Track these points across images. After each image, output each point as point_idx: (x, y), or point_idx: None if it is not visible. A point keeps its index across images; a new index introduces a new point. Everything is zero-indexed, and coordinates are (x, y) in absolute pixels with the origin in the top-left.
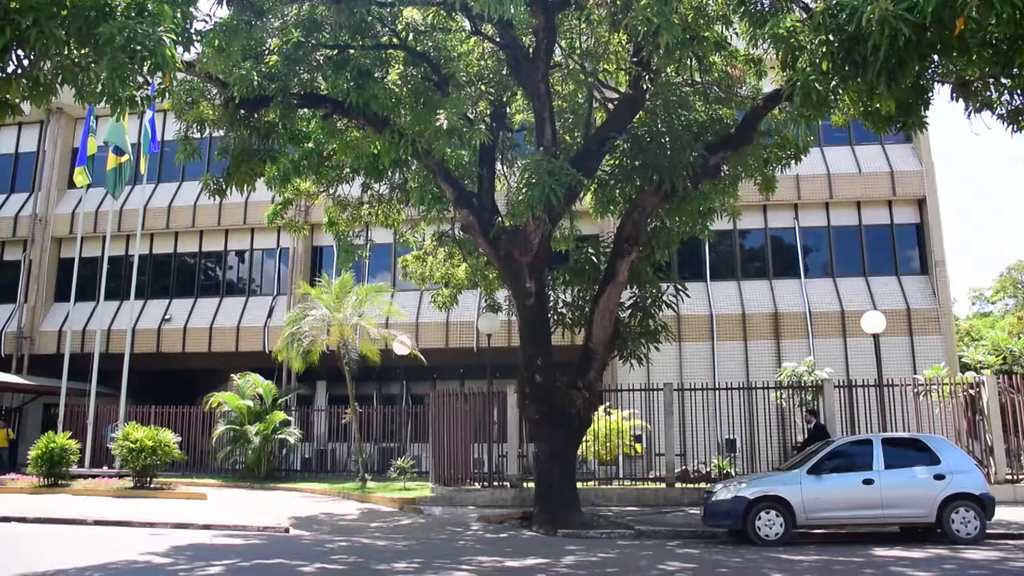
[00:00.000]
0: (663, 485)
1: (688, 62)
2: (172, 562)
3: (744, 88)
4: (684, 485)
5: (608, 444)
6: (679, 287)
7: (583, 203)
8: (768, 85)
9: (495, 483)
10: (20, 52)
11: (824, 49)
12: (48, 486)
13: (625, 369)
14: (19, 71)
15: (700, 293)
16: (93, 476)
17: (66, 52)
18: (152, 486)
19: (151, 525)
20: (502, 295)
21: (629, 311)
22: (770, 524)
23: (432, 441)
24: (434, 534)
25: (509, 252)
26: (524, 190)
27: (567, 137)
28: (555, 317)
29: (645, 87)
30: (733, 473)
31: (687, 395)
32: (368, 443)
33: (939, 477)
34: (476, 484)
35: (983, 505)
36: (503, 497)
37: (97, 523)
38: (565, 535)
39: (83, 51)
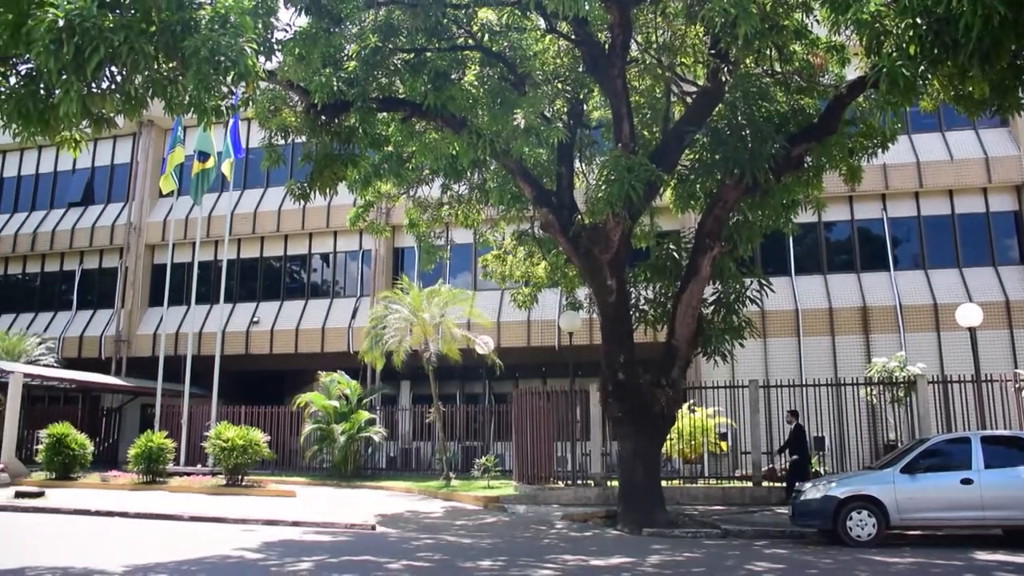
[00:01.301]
0: (749, 484)
1: (767, 52)
2: (264, 558)
3: (827, 77)
4: (771, 484)
5: (692, 442)
6: (763, 282)
7: (663, 199)
8: (852, 72)
9: (579, 481)
10: (113, 68)
11: (911, 33)
12: (146, 483)
13: (709, 366)
14: (113, 86)
15: (785, 288)
16: (188, 474)
17: (155, 66)
18: (243, 484)
19: (243, 522)
20: (583, 293)
21: (712, 307)
22: (862, 524)
23: (515, 439)
24: (518, 532)
25: (589, 250)
26: (603, 187)
27: (645, 133)
28: (637, 314)
29: (724, 79)
30: (822, 472)
31: (773, 392)
32: (452, 442)
33: None
34: (560, 483)
35: None
36: (587, 496)
37: (192, 519)
38: (650, 534)
39: (171, 64)
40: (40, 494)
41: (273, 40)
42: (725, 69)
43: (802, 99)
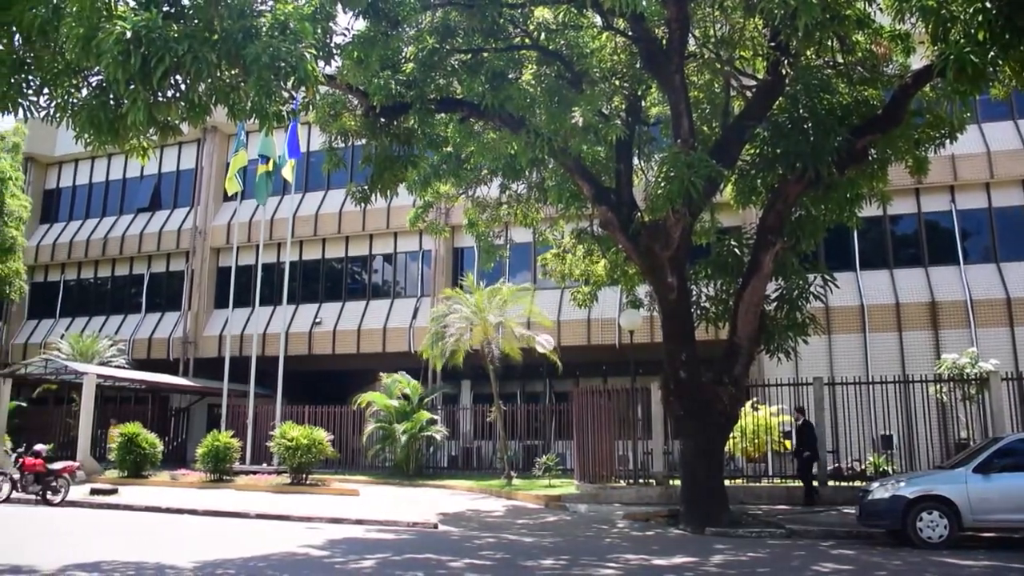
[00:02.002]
0: (815, 483)
1: (829, 43)
2: (328, 555)
3: (891, 66)
4: (837, 483)
5: (756, 441)
6: (827, 278)
7: (723, 195)
8: (917, 61)
9: (640, 480)
10: (178, 77)
11: (980, 18)
12: (214, 481)
13: (772, 363)
14: (177, 94)
15: (849, 283)
16: (253, 472)
17: (218, 74)
18: (307, 482)
19: (308, 519)
20: (643, 291)
21: (775, 304)
22: (933, 525)
23: (576, 438)
24: (580, 531)
25: (649, 247)
26: (662, 184)
27: (705, 128)
28: (698, 312)
29: (784, 72)
30: (890, 471)
31: (838, 389)
32: (513, 441)
33: None
34: (621, 481)
35: None
36: (649, 494)
37: (259, 516)
38: (713, 534)
39: (232, 71)
40: (114, 491)
41: (332, 45)
42: (785, 62)
43: (865, 90)
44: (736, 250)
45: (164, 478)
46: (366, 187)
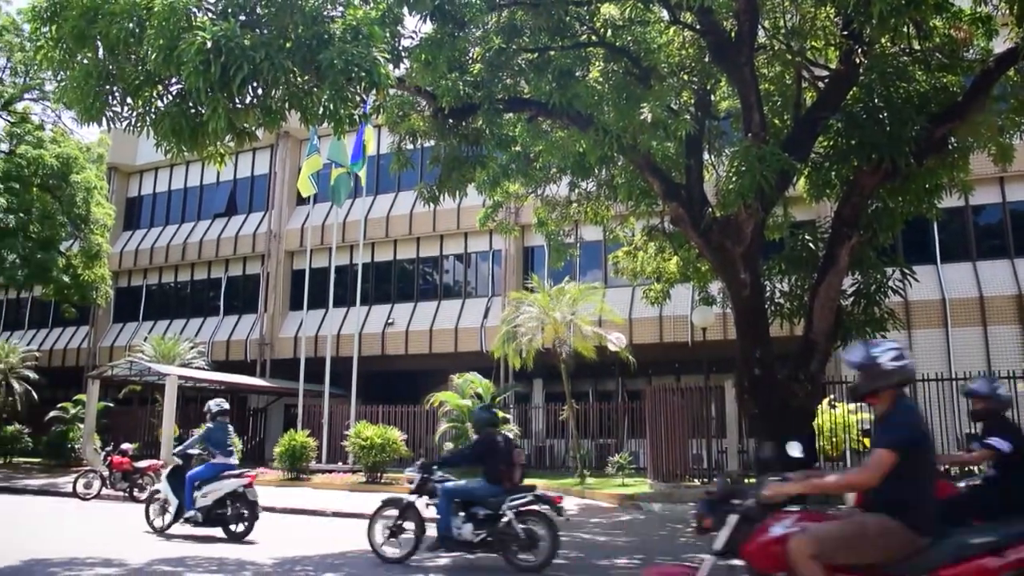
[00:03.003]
0: None
1: (905, 29)
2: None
3: (971, 51)
4: None
5: (834, 439)
6: (906, 271)
7: (797, 188)
8: (1000, 45)
9: (715, 479)
10: (255, 84)
11: None
12: (291, 480)
13: None
14: (254, 101)
15: (930, 276)
16: (329, 471)
17: (292, 80)
18: (382, 481)
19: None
20: (716, 287)
21: (851, 298)
22: None
23: (649, 437)
24: (654, 531)
25: (721, 243)
26: (734, 179)
27: (776, 121)
28: (772, 308)
29: (858, 61)
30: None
31: (919, 386)
32: (585, 439)
33: None
34: (695, 480)
35: None
36: None
37: (335, 515)
38: None
39: (306, 77)
40: None
41: (400, 48)
42: (859, 50)
43: (944, 77)
44: (810, 244)
45: None
46: (435, 188)
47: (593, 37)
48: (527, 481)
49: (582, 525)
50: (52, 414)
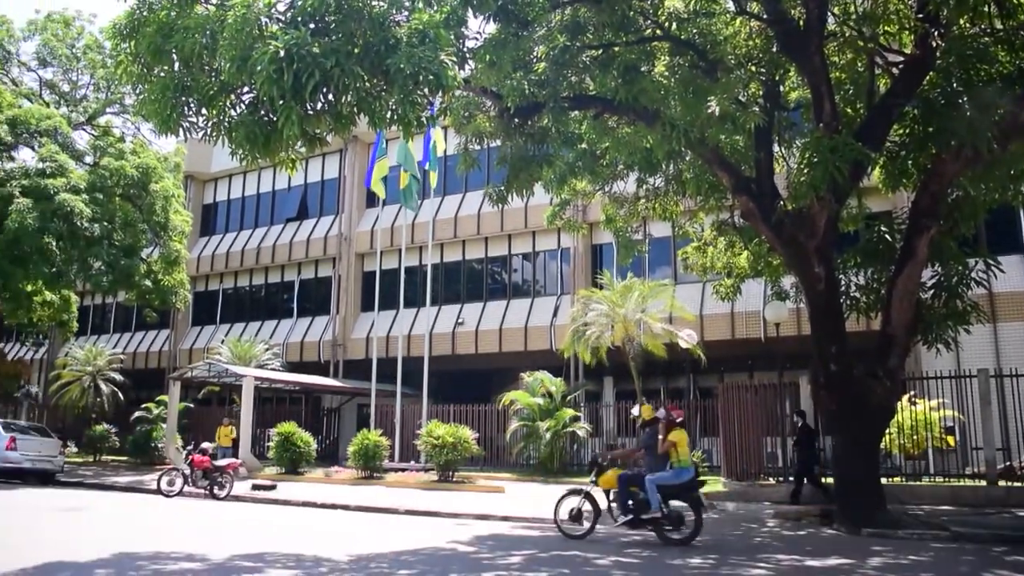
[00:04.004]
0: (983, 483)
1: (985, 9)
2: (475, 550)
3: None
4: (1009, 483)
5: (915, 437)
6: (989, 262)
7: (871, 179)
8: None
9: (790, 478)
10: (325, 90)
11: None
12: (364, 478)
13: (930, 355)
14: (325, 107)
15: (1015, 267)
16: (402, 469)
17: (362, 85)
18: (454, 479)
19: (455, 516)
20: (788, 282)
21: (931, 291)
22: None
23: (722, 435)
24: (727, 530)
25: (793, 237)
26: (805, 170)
27: (848, 110)
28: (847, 302)
29: (934, 44)
30: None
31: (1007, 382)
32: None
33: None
34: (770, 479)
35: None
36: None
37: (407, 512)
38: (870, 534)
39: (374, 81)
40: (272, 487)
41: (465, 49)
42: (935, 33)
43: None
44: (887, 236)
45: (318, 475)
46: (503, 188)
47: (658, 31)
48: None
49: None
50: (137, 414)
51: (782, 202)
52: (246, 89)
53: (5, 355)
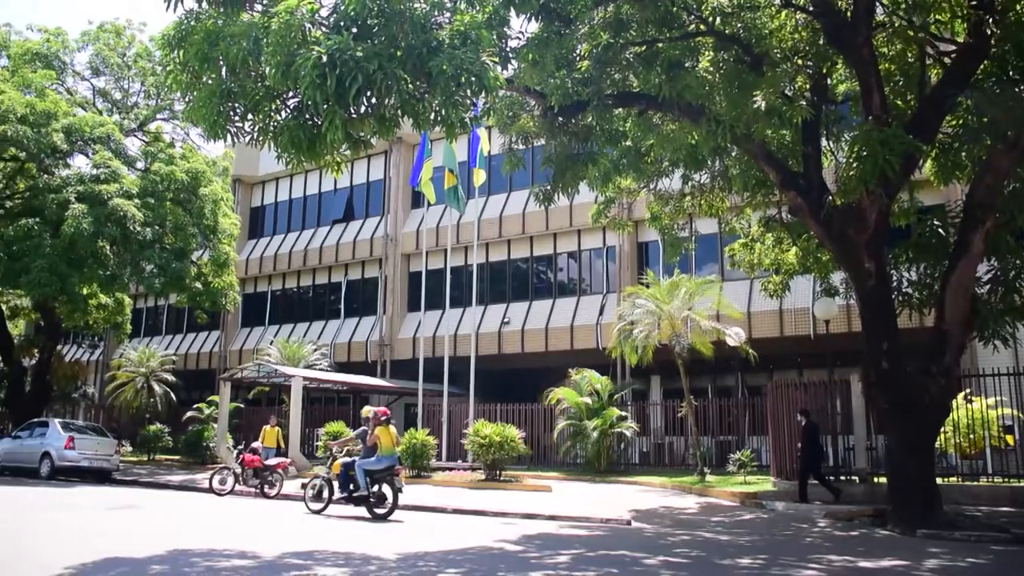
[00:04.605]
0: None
1: None
2: (523, 549)
3: None
4: None
5: (971, 436)
6: None
7: (923, 172)
8: None
9: (841, 477)
10: (369, 93)
11: None
12: (412, 477)
13: (987, 351)
14: (369, 110)
15: None
16: (449, 468)
17: (403, 87)
18: (501, 478)
19: (502, 515)
20: (838, 278)
21: (988, 286)
22: None
23: (771, 433)
24: (777, 530)
25: (843, 232)
26: (854, 164)
27: (898, 102)
28: (899, 298)
29: (988, 32)
30: None
31: None
32: (705, 436)
33: None
34: None
35: None
36: (851, 492)
37: (455, 511)
38: (925, 535)
39: (417, 84)
40: None
41: (508, 49)
42: (989, 20)
43: None
44: (940, 230)
45: None
46: (548, 187)
47: (702, 26)
48: (647, 478)
49: (703, 524)
50: (189, 414)
51: (831, 197)
52: (291, 94)
53: (63, 357)
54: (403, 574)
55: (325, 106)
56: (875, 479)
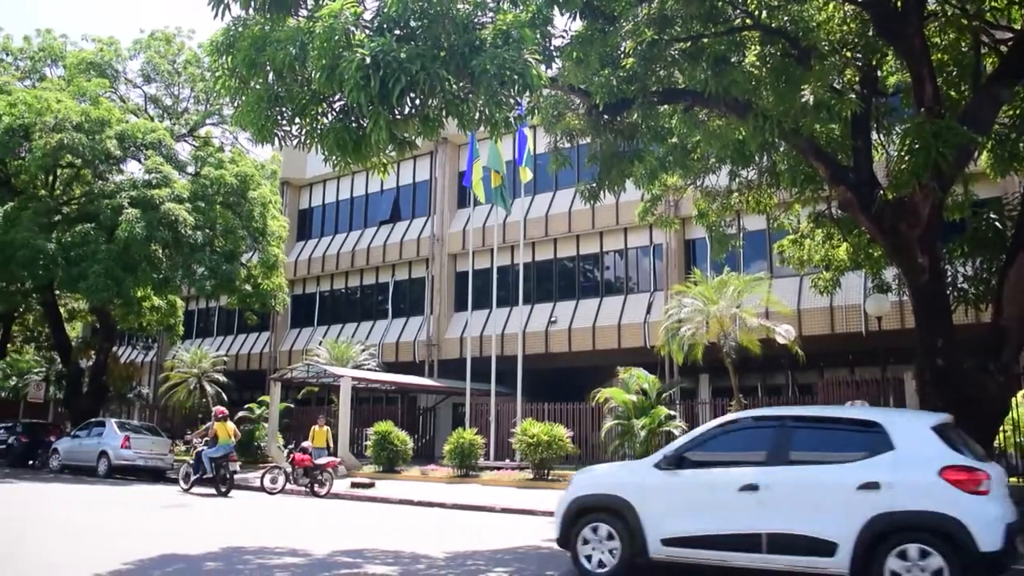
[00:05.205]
0: None
1: None
2: None
3: None
4: None
5: None
6: None
7: (978, 164)
8: None
9: None
10: (412, 94)
11: None
12: (460, 476)
13: None
14: (413, 111)
15: None
16: (497, 468)
17: (448, 88)
18: (549, 477)
19: (551, 514)
20: (890, 274)
21: None
22: None
23: None
24: None
25: (895, 227)
26: (906, 158)
27: (952, 93)
28: (954, 293)
29: None
30: None
31: None
32: None
33: None
34: None
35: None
36: None
37: (504, 511)
38: None
39: (460, 84)
40: (371, 485)
41: (551, 48)
42: None
43: None
44: (996, 224)
45: (415, 473)
46: (594, 185)
47: (747, 20)
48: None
49: None
50: (240, 414)
51: (882, 191)
52: (336, 97)
53: (118, 358)
54: (452, 573)
55: (369, 108)
56: None
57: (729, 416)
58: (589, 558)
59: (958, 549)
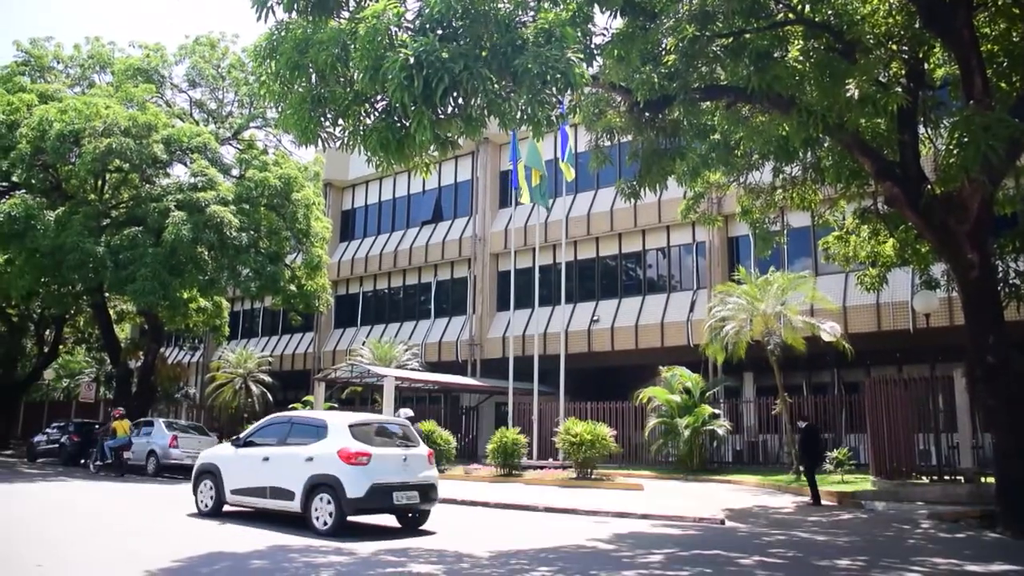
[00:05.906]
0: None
1: None
2: (616, 548)
3: None
4: None
5: None
6: None
7: None
8: None
9: (945, 477)
10: (455, 94)
11: None
12: (503, 476)
13: None
14: (455, 111)
15: None
16: (540, 467)
17: (489, 87)
18: (592, 477)
19: (594, 513)
20: (938, 270)
21: None
22: None
23: (870, 431)
24: (878, 531)
25: (943, 222)
26: (955, 151)
27: (1002, 84)
28: (1006, 290)
29: None
30: None
31: None
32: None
33: None
34: (923, 478)
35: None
36: (956, 493)
37: (547, 510)
38: None
39: (502, 83)
40: None
41: (592, 46)
42: None
43: None
44: None
45: (458, 472)
46: (635, 183)
47: (790, 15)
48: (740, 477)
49: (799, 524)
50: None
51: (930, 186)
52: (379, 97)
53: (166, 359)
54: (496, 572)
55: (412, 107)
56: (981, 479)
57: (268, 417)
58: (202, 501)
59: (336, 494)
